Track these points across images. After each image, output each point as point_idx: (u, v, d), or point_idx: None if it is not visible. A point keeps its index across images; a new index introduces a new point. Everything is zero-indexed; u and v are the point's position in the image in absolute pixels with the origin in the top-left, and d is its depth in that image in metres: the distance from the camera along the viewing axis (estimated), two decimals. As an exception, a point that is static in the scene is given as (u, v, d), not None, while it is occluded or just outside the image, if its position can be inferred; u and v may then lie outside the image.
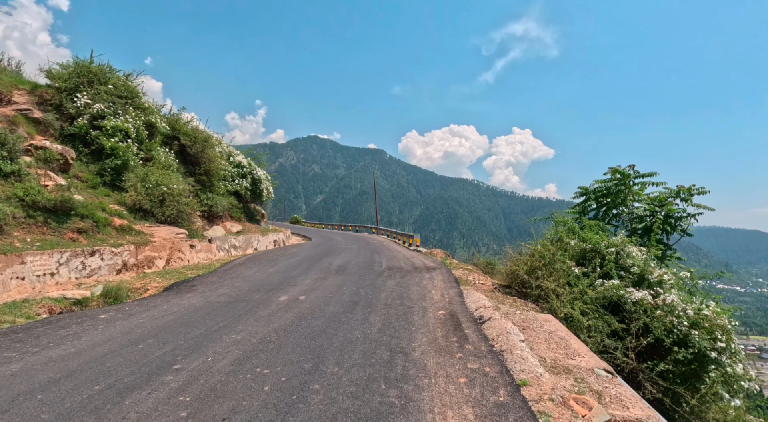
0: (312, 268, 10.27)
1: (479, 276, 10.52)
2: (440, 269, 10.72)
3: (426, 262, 12.27)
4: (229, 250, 14.79)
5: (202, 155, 16.40)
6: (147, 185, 11.95)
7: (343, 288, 7.56)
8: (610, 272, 7.82)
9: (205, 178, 16.71)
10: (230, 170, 19.32)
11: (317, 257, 13.15)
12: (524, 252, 9.30)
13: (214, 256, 13.46)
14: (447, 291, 7.52)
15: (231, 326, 4.76)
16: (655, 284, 7.44)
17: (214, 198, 16.62)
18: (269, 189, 21.64)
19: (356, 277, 8.92)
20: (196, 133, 16.10)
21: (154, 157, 13.85)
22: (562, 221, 9.33)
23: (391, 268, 10.62)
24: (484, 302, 6.29)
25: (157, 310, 5.50)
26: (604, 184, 10.82)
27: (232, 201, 18.65)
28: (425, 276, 9.42)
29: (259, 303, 6.13)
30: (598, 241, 8.31)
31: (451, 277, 9.38)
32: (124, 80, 13.89)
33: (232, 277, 8.61)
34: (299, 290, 7.24)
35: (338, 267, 10.50)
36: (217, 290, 7.14)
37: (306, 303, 6.13)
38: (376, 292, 7.17)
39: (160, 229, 11.75)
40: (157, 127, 14.60)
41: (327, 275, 9.18)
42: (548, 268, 8.09)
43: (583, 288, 7.56)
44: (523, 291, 8.30)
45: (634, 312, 7.07)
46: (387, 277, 9.04)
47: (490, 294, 8.04)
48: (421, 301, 6.50)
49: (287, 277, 8.74)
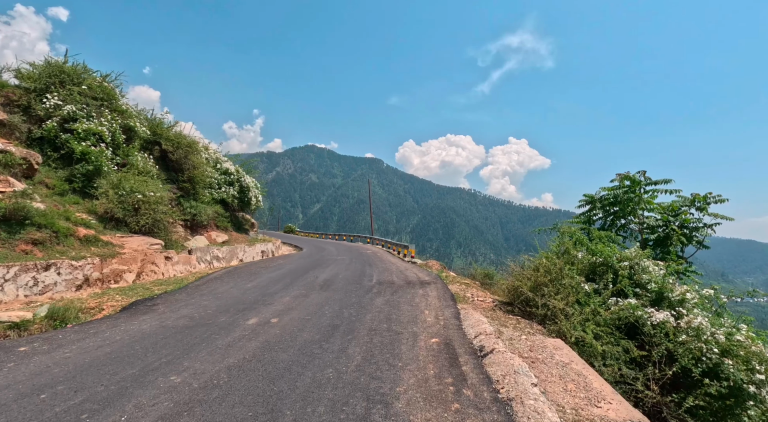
0: (295, 283, 9.36)
1: (478, 291, 9.65)
2: (435, 284, 9.84)
3: (420, 276, 11.39)
4: (211, 262, 13.87)
5: (185, 161, 15.56)
6: (120, 192, 11.07)
7: (325, 307, 6.67)
8: (624, 289, 6.98)
9: (189, 185, 15.85)
10: (217, 177, 18.46)
11: (304, 270, 12.24)
12: (527, 266, 8.47)
13: (194, 269, 12.53)
14: (442, 312, 6.64)
15: (176, 362, 3.86)
16: (677, 303, 6.60)
17: (197, 206, 15.75)
18: (258, 197, 20.75)
19: (342, 294, 8.03)
20: (180, 138, 15.27)
21: (132, 162, 13.00)
22: (569, 232, 8.51)
23: (381, 283, 9.73)
24: (485, 327, 5.41)
25: (95, 339, 4.59)
26: (612, 192, 10.04)
27: (218, 209, 17.76)
28: (418, 292, 8.54)
29: (222, 328, 5.23)
30: (609, 254, 7.49)
31: (447, 294, 8.50)
32: (101, 81, 13.09)
33: (203, 294, 7.70)
34: (274, 310, 6.34)
35: (324, 282, 9.60)
36: (180, 311, 6.23)
37: (277, 328, 5.23)
38: (362, 313, 6.28)
39: (133, 240, 10.84)
40: (136, 131, 13.78)
41: (310, 291, 8.28)
42: (555, 284, 7.24)
43: (595, 308, 6.71)
44: (527, 310, 7.43)
45: (654, 336, 6.22)
46: (376, 294, 8.15)
47: (490, 314, 7.17)
48: (411, 325, 5.62)
49: (265, 294, 7.83)
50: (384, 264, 14.98)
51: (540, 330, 6.59)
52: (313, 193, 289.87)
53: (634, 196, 9.55)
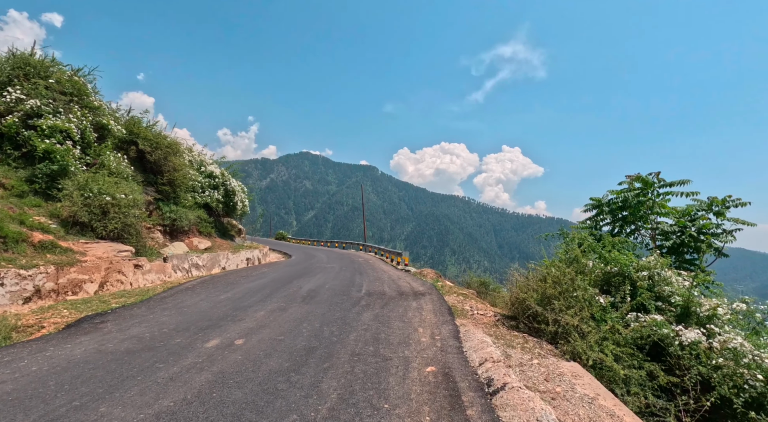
0: (275, 294, 8.41)
1: (477, 303, 8.77)
2: (430, 295, 8.94)
3: (414, 286, 10.49)
4: (189, 270, 12.86)
5: (165, 163, 14.60)
6: (86, 194, 10.09)
7: (303, 325, 5.74)
8: (645, 303, 6.14)
9: (169, 188, 14.88)
10: (200, 180, 17.50)
11: (288, 279, 11.28)
12: (532, 276, 7.61)
13: (168, 278, 11.52)
14: (439, 329, 5.74)
15: (90, 406, 2.93)
16: (705, 320, 5.78)
17: (178, 211, 14.77)
18: (245, 202, 19.78)
19: (325, 307, 7.10)
20: (159, 138, 14.33)
21: (104, 162, 12.03)
22: (578, 237, 7.68)
23: (371, 294, 8.81)
24: (490, 350, 4.52)
25: (1, 371, 3.64)
26: (622, 195, 9.26)
27: (201, 214, 16.78)
28: (412, 305, 7.64)
29: (173, 353, 4.29)
30: (626, 263, 6.66)
31: (444, 307, 7.61)
32: (71, 75, 12.17)
33: (166, 308, 6.73)
34: (242, 329, 5.41)
35: (308, 293, 8.66)
36: (130, 330, 5.27)
37: (239, 353, 4.31)
38: (345, 332, 5.37)
39: (98, 246, 9.84)
40: (109, 130, 12.83)
41: (290, 304, 7.34)
42: (566, 297, 6.39)
43: (614, 325, 5.86)
44: (535, 327, 6.55)
45: (683, 358, 5.37)
46: (364, 307, 7.23)
47: (493, 331, 6.28)
48: (403, 347, 4.72)
49: (237, 308, 6.88)
50: (376, 272, 14.05)
51: (551, 350, 5.72)
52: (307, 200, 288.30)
53: (646, 199, 8.78)
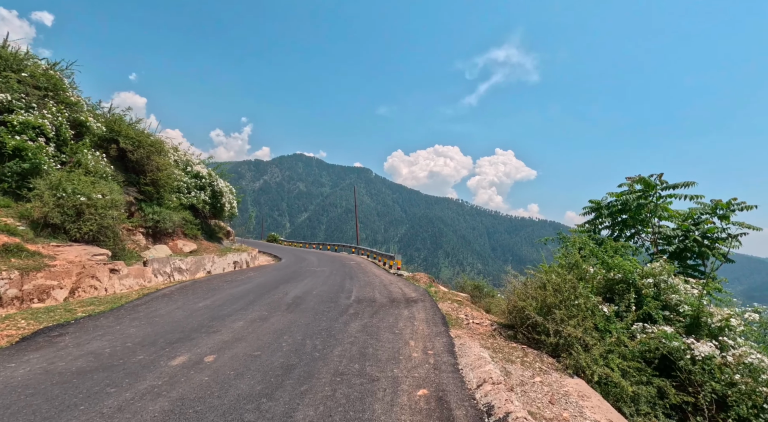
0: (258, 301, 7.90)
1: (473, 311, 8.34)
2: (423, 302, 8.49)
3: (406, 291, 10.03)
4: (172, 275, 12.27)
5: (148, 162, 14.00)
6: (59, 194, 9.50)
7: (284, 337, 5.25)
8: (652, 313, 5.75)
9: (152, 188, 14.27)
10: (186, 181, 16.88)
11: (274, 284, 10.76)
12: (531, 283, 7.19)
13: (148, 283, 10.94)
14: (432, 342, 5.29)
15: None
16: (717, 331, 5.40)
17: (161, 212, 14.17)
18: (233, 203, 19.18)
19: (310, 317, 6.61)
20: (141, 137, 13.73)
21: (80, 161, 11.43)
22: (579, 242, 7.28)
23: (361, 301, 8.34)
24: (489, 369, 4.07)
25: None
26: (621, 197, 8.91)
27: (187, 216, 16.16)
28: (403, 313, 7.18)
29: (131, 373, 3.78)
30: (630, 269, 6.27)
31: (438, 315, 7.15)
32: (47, 69, 11.57)
33: (136, 318, 6.19)
34: (216, 342, 4.90)
35: (293, 300, 8.16)
36: (89, 344, 4.74)
37: (206, 373, 3.81)
38: (329, 346, 4.89)
39: (70, 250, 9.25)
40: (88, 127, 12.23)
41: (273, 313, 6.84)
42: (567, 306, 5.98)
43: (619, 336, 5.45)
44: (534, 337, 6.13)
45: (693, 373, 4.97)
46: (352, 316, 6.75)
47: (491, 343, 5.84)
48: (392, 365, 4.26)
49: (215, 317, 6.36)
50: (367, 277, 13.58)
51: (553, 364, 5.29)
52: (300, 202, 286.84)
53: (647, 202, 8.43)
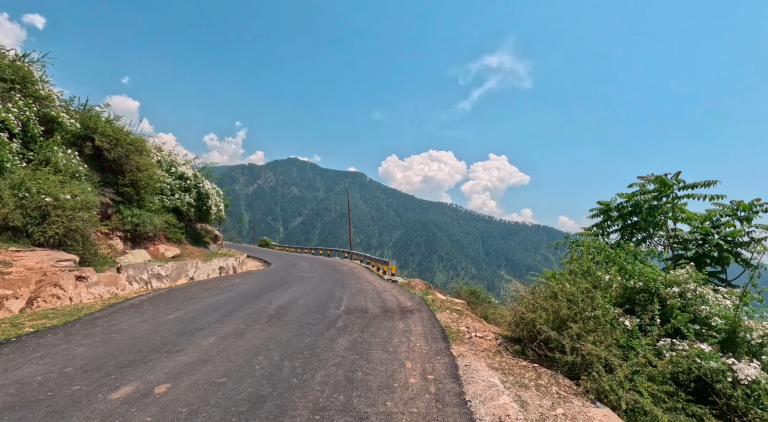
0: (237, 312, 7.10)
1: (473, 322, 7.60)
2: (420, 312, 7.74)
3: (401, 300, 9.27)
4: (149, 282, 11.40)
5: (126, 161, 13.15)
6: (21, 194, 8.67)
7: (258, 357, 4.48)
8: (680, 328, 5.06)
9: (131, 189, 13.41)
10: (170, 182, 16.03)
11: (259, 291, 9.95)
12: (539, 292, 6.48)
13: (122, 290, 10.08)
14: (432, 363, 4.54)
15: None
16: (758, 348, 4.72)
17: (141, 215, 13.32)
18: (219, 206, 18.30)
19: (293, 331, 5.83)
20: (119, 134, 12.88)
21: (49, 158, 10.59)
22: (594, 246, 6.59)
23: (351, 311, 7.57)
24: (503, 402, 3.33)
25: None
26: (632, 198, 8.26)
27: (170, 219, 15.28)
28: (398, 326, 6.42)
29: (54, 412, 2.99)
30: (653, 277, 5.59)
31: (436, 328, 6.41)
32: (13, 60, 10.73)
33: (90, 334, 5.37)
34: (175, 366, 4.12)
35: (276, 311, 7.37)
36: (21, 369, 3.93)
37: (151, 410, 3.03)
38: (310, 370, 4.13)
39: (32, 255, 8.38)
40: (60, 123, 11.40)
41: (251, 326, 6.05)
42: (582, 317, 5.27)
43: (645, 354, 4.75)
44: (546, 355, 5.40)
45: (733, 398, 4.28)
46: (341, 330, 5.98)
47: (498, 362, 5.11)
48: (384, 395, 3.51)
49: (184, 332, 5.56)
50: (359, 283, 12.80)
51: (571, 387, 4.56)
52: (294, 207, 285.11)
53: (662, 203, 7.79)
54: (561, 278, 6.26)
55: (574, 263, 6.48)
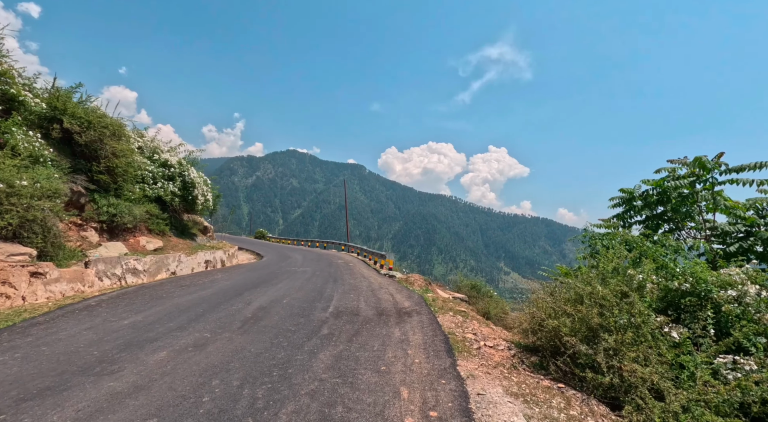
0: (208, 315, 6.10)
1: (480, 326, 6.61)
2: (419, 315, 6.75)
3: (398, 299, 8.28)
4: (123, 277, 10.40)
5: (101, 146, 12.05)
6: (-33, 180, 7.64)
7: (214, 380, 3.48)
8: (741, 341, 4.08)
9: (108, 177, 12.34)
10: (152, 170, 14.93)
11: (241, 288, 8.95)
12: (559, 293, 5.48)
13: (89, 287, 9.09)
14: (435, 391, 3.55)
15: None
16: None
17: (119, 204, 12.28)
18: (207, 196, 17.21)
19: (267, 341, 4.84)
20: (91, 116, 11.77)
21: (9, 141, 9.52)
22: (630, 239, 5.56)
23: (340, 314, 6.57)
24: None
25: None
26: (660, 185, 7.22)
27: (152, 209, 14.22)
28: (394, 334, 5.43)
29: None
30: (702, 277, 4.59)
31: (439, 337, 5.41)
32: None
33: (12, 348, 4.36)
34: (97, 396, 3.13)
35: (254, 313, 6.38)
36: None
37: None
38: (277, 399, 3.14)
39: (-23, 248, 7.40)
40: (22, 102, 10.30)
41: (218, 334, 5.06)
42: (616, 327, 4.27)
43: (703, 376, 3.77)
44: (573, 371, 4.41)
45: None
46: (325, 339, 4.99)
47: (516, 381, 4.12)
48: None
49: (132, 343, 4.57)
50: (354, 279, 11.81)
51: (609, 419, 3.59)
52: (294, 199, 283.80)
53: (697, 190, 6.75)
54: (586, 277, 5.25)
55: (601, 260, 5.46)
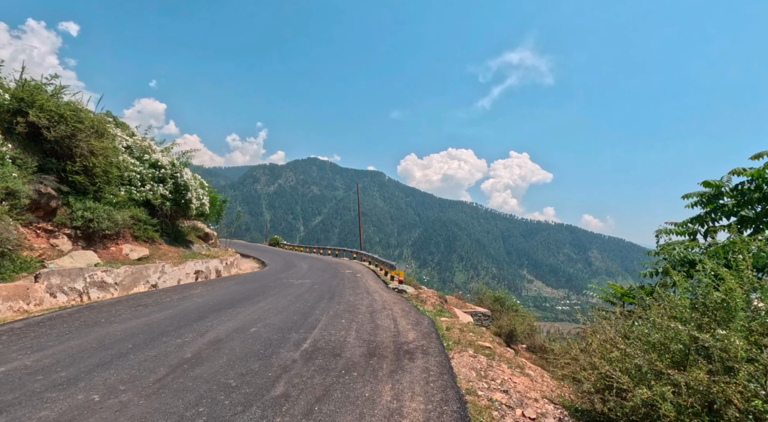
0: (130, 355, 4.40)
1: (512, 373, 4.64)
2: (426, 355, 4.85)
3: (402, 327, 6.39)
4: (86, 292, 8.90)
5: (75, 143, 10.75)
6: None
7: None
8: None
9: (84, 178, 10.99)
10: (140, 171, 13.60)
11: (208, 309, 7.26)
12: (640, 334, 3.50)
13: (38, 305, 7.60)
14: None
15: None
16: None
17: (97, 208, 10.91)
18: (202, 199, 15.78)
19: (180, 408, 3.09)
20: (63, 109, 10.49)
21: (-45, 134, 8.26)
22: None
23: (315, 353, 4.75)
24: None
25: None
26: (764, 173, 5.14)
27: (139, 214, 12.87)
28: (382, 396, 3.55)
29: None
30: None
31: (451, 403, 3.48)
32: None
33: None
34: None
35: (199, 351, 4.64)
36: None
37: None
38: None
39: None
40: (-22, 91, 9.09)
41: (117, 393, 3.34)
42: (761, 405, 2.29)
43: None
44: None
45: None
46: (271, 409, 3.19)
47: None
48: None
49: (7, 404, 2.91)
50: (355, 295, 9.98)
51: None
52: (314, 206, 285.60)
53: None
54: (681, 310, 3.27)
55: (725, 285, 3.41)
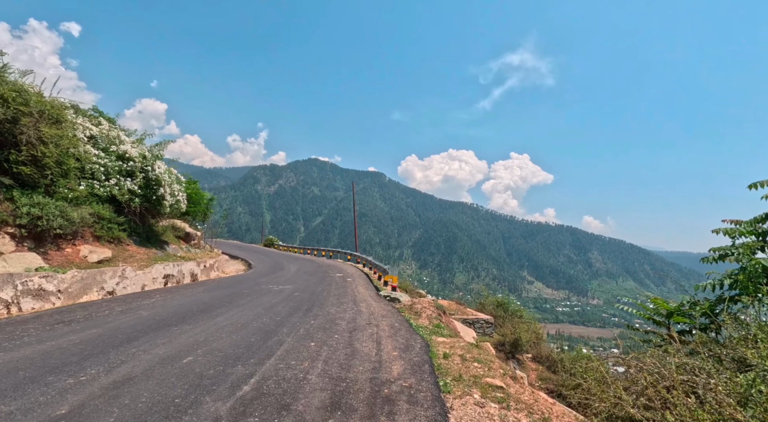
0: None
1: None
2: (413, 406, 3.44)
3: (386, 354, 4.96)
4: (15, 302, 7.46)
5: (20, 129, 9.36)
6: None
7: None
8: None
9: (33, 169, 9.57)
10: (105, 164, 12.19)
11: (149, 326, 5.85)
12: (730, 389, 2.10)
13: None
14: None
15: None
16: None
17: (48, 205, 9.49)
18: (178, 196, 14.35)
19: None
20: (2, 89, 9.09)
21: None
22: None
23: (255, 402, 3.34)
24: None
25: None
26: None
27: (102, 211, 11.45)
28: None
29: None
30: None
31: None
32: None
33: None
34: None
35: (81, 404, 3.25)
36: None
37: None
38: None
39: None
40: None
41: None
42: None
43: None
44: None
45: None
46: None
47: None
48: None
49: None
50: (338, 306, 8.55)
51: None
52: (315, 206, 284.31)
53: None
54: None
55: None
